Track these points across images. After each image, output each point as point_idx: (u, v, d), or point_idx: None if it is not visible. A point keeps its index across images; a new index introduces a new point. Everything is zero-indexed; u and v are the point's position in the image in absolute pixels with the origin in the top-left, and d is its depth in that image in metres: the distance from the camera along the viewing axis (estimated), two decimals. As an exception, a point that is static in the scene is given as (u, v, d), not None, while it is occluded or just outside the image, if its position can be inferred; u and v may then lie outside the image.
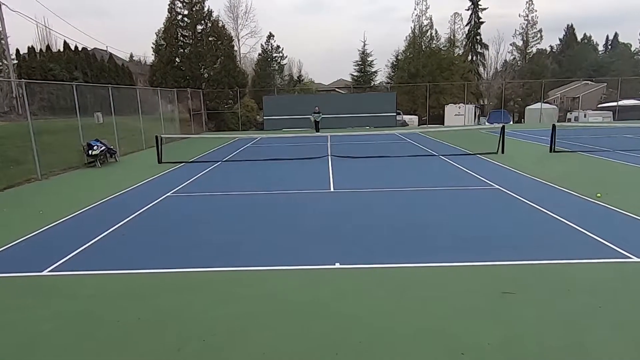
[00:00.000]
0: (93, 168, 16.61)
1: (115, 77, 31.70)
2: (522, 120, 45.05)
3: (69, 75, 26.74)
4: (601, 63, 68.20)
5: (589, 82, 55.37)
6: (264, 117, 36.60)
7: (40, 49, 31.44)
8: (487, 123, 38.76)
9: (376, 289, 5.49)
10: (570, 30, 74.93)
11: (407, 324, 4.63)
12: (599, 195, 9.68)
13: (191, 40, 36.18)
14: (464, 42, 61.44)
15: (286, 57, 59.24)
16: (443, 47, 53.41)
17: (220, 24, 37.71)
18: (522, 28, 60.80)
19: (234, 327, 4.69)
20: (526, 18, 60.33)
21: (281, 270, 6.16)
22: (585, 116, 38.29)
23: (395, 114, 35.91)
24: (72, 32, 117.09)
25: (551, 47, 73.37)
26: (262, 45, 57.65)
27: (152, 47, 36.15)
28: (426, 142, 21.76)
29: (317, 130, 29.52)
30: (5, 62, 28.09)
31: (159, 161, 16.91)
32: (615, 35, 79.79)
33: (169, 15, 35.61)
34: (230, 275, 6.08)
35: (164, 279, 6.02)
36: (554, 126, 17.60)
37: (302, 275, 6.01)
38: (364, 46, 59.21)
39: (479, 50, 63.19)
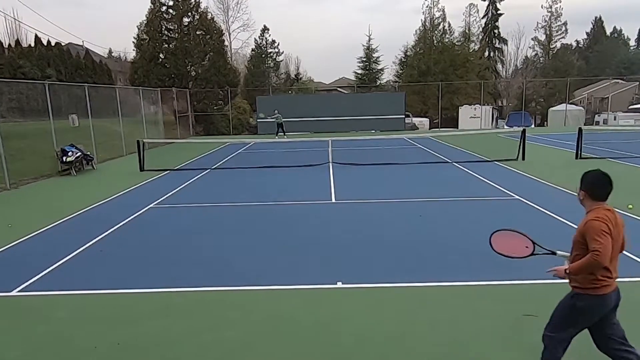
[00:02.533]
0: (68, 176, 16.67)
1: (92, 75, 31.87)
2: (545, 123, 45.25)
3: (40, 73, 26.87)
4: (633, 60, 68.49)
5: (620, 80, 55.62)
6: (258, 120, 36.72)
7: (9, 44, 31.70)
8: (505, 126, 38.94)
9: (382, 311, 5.51)
10: (598, 23, 75.46)
11: (416, 349, 4.65)
12: (630, 206, 9.70)
13: (177, 34, 36.45)
14: (481, 37, 61.84)
15: (282, 53, 59.65)
16: (457, 42, 53.81)
17: (209, 16, 38.10)
18: (545, 21, 61.18)
19: (226, 355, 4.71)
20: (549, 10, 60.75)
21: (277, 291, 6.19)
22: (615, 119, 38.46)
23: (403, 116, 36.07)
24: (44, 25, 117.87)
25: (577, 41, 73.99)
26: (255, 39, 58.07)
27: (134, 42, 36.45)
28: (438, 148, 21.84)
29: (277, 135, 29.70)
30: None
31: (141, 169, 16.97)
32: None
33: (152, 7, 35.91)
34: (220, 296, 6.11)
35: (146, 300, 6.05)
36: (580, 130, 17.67)
37: (301, 295, 6.04)
38: (369, 41, 59.21)
39: (497, 45, 63.61)
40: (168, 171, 16.91)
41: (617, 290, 3.73)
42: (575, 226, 8.45)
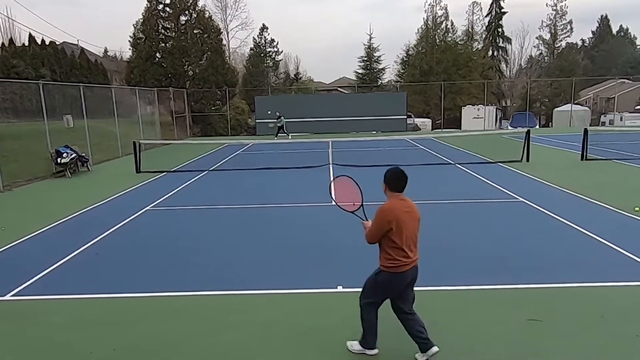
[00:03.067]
0: (62, 178, 16.68)
1: (87, 75, 31.93)
2: (550, 123, 45.29)
3: (34, 73, 26.92)
4: (639, 59, 68.62)
5: (626, 80, 55.75)
6: (257, 121, 36.78)
7: (2, 43, 31.75)
8: (509, 127, 38.96)
9: (383, 315, 5.51)
10: (604, 21, 75.66)
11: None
12: (637, 209, 9.73)
13: (174, 33, 36.55)
14: (484, 36, 61.83)
15: (282, 52, 59.79)
16: (460, 40, 53.87)
17: (206, 15, 38.18)
18: (550, 19, 61.19)
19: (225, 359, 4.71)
20: (554, 8, 60.73)
21: (277, 295, 6.20)
22: (621, 119, 38.48)
23: (405, 116, 36.14)
24: (38, 23, 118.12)
25: (583, 40, 74.18)
26: (254, 38, 58.37)
27: (130, 41, 36.54)
28: (441, 149, 21.87)
29: (278, 136, 29.71)
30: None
31: (137, 170, 16.99)
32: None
33: (149, 5, 36.01)
34: (218, 300, 6.12)
35: (143, 305, 6.06)
36: (585, 130, 17.71)
37: (301, 300, 6.05)
38: (370, 40, 59.22)
39: (500, 44, 63.63)
40: (165, 173, 16.93)
41: (413, 269, 4.47)
42: (582, 229, 8.44)
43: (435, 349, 4.39)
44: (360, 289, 4.73)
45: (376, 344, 4.64)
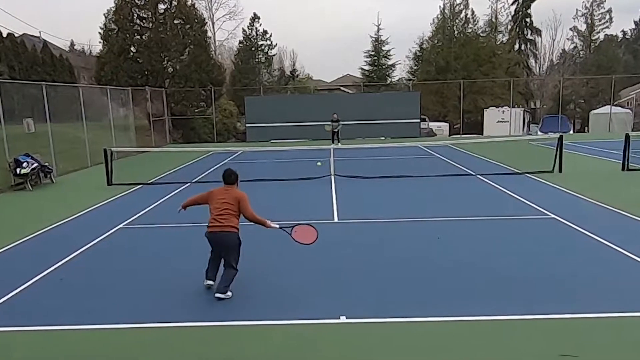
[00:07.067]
0: (22, 191, 16.72)
1: (51, 72, 32.17)
2: (586, 128, 45.46)
3: (-10, 70, 27.07)
4: (690, 53, 69.01)
5: (674, 78, 55.89)
6: (247, 125, 36.90)
7: (-47, 36, 31.88)
8: (539, 132, 39.08)
9: (393, 351, 5.56)
10: (648, 10, 75.93)
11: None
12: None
13: (151, 24, 36.72)
14: (509, 27, 62.15)
15: (275, 45, 60.23)
16: (482, 32, 54.13)
17: (189, 2, 38.33)
18: (586, 8, 61.66)
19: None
20: (591, -6, 61.19)
21: (270, 326, 6.24)
22: (669, 123, 38.58)
23: (419, 120, 36.24)
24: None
25: (624, 32, 74.51)
26: (243, 30, 58.58)
27: (100, 33, 36.64)
28: (460, 158, 21.94)
29: (334, 142, 29.48)
30: None
31: (109, 182, 17.03)
32: None
33: (122, -9, 36.18)
34: (201, 332, 6.15)
35: (114, 338, 6.10)
36: (627, 136, 17.75)
37: (298, 331, 6.09)
38: (378, 32, 59.57)
39: (529, 36, 64.04)
40: (141, 185, 16.98)
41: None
42: (623, 250, 8.44)
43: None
44: (365, 320, 4.78)
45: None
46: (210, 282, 7.28)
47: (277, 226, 7.65)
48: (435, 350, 5.55)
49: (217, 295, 6.92)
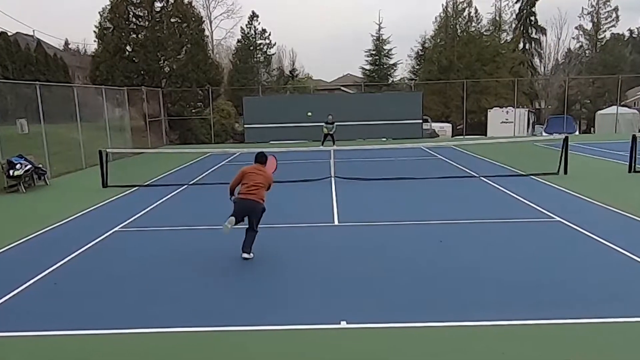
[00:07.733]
0: (15, 194, 16.71)
1: (45, 72, 32.18)
2: (592, 129, 45.46)
3: (-17, 70, 27.08)
4: (698, 53, 68.96)
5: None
6: (245, 126, 36.87)
7: (-55, 35, 31.91)
8: (544, 133, 39.08)
9: (394, 356, 5.56)
10: (655, 9, 75.92)
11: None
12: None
13: (147, 23, 36.77)
14: (514, 25, 62.32)
15: (274, 44, 60.37)
16: (485, 31, 54.23)
17: (185, 1, 38.35)
18: (592, 6, 61.79)
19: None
20: (597, -8, 61.24)
21: (268, 332, 6.23)
22: (677, 124, 38.60)
23: (421, 120, 36.19)
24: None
25: (630, 31, 74.34)
26: (242, 28, 58.73)
27: (95, 32, 36.75)
28: (463, 159, 21.93)
29: (325, 143, 29.41)
30: None
31: (104, 184, 17.03)
32: None
33: (118, -11, 36.21)
34: (199, 338, 6.14)
35: (110, 343, 6.09)
36: (634, 137, 17.75)
37: (297, 337, 6.08)
38: (379, 30, 59.67)
39: (533, 35, 64.09)
40: (137, 187, 16.96)
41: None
42: (630, 254, 8.44)
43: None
44: (366, 325, 4.77)
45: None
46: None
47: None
48: (438, 356, 5.54)
49: (244, 255, 8.70)
